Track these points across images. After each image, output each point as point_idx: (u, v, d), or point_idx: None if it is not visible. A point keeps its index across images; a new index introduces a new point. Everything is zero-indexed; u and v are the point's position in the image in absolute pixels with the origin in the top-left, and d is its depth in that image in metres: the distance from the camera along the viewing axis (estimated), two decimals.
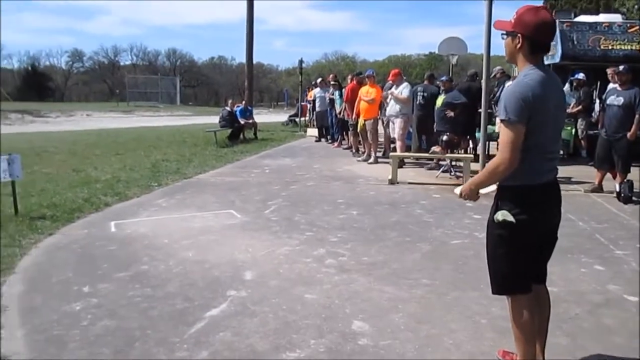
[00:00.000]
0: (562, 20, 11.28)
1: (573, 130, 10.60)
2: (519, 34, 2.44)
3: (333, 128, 14.44)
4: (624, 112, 7.02)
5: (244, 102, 17.88)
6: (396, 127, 10.26)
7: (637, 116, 6.93)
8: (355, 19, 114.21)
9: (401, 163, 9.67)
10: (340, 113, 12.91)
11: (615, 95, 7.21)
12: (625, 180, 7.14)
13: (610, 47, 10.77)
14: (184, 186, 8.15)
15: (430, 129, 9.88)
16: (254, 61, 23.42)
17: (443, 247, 5.06)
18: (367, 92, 10.62)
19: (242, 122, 15.30)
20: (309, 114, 18.35)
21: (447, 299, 3.76)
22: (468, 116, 9.76)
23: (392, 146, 10.69)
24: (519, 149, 2.35)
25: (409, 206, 6.81)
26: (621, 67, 7.26)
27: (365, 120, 10.61)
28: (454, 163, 9.38)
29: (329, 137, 14.98)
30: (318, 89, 15.40)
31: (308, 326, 3.32)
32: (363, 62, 63.63)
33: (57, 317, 3.44)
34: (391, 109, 10.39)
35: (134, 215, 6.26)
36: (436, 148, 9.21)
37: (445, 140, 9.10)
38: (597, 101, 10.22)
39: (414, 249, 4.96)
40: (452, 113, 9.24)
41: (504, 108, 2.38)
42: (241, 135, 15.13)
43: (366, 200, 7.19)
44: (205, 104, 56.21)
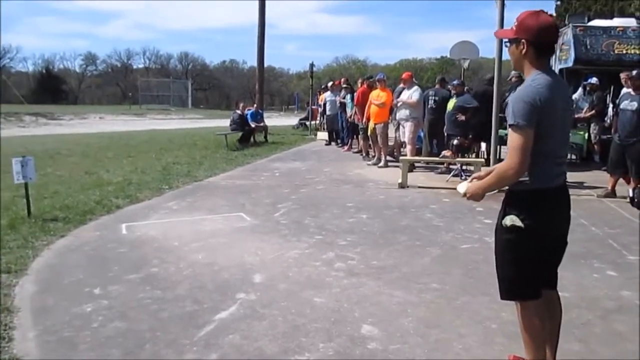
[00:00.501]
0: (576, 24, 11.20)
1: (586, 134, 10.51)
2: (523, 40, 2.44)
3: (343, 131, 14.44)
4: (638, 117, 6.94)
5: (255, 106, 17.96)
6: (406, 131, 10.24)
7: None
8: (366, 23, 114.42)
9: (411, 167, 9.65)
10: (351, 116, 12.92)
11: (629, 100, 7.14)
12: (638, 185, 7.06)
13: (624, 52, 10.66)
14: (195, 189, 8.19)
15: (441, 133, 9.85)
16: (265, 65, 23.50)
17: (453, 252, 5.03)
18: (378, 96, 10.61)
19: (253, 126, 15.35)
20: (320, 118, 18.37)
21: (457, 304, 3.74)
22: (482, 120, 9.73)
23: (402, 150, 10.68)
24: (528, 154, 2.33)
25: (419, 210, 6.79)
26: (634, 72, 7.19)
27: (375, 124, 10.59)
28: (465, 167, 9.34)
29: (339, 141, 14.98)
30: (329, 93, 15.42)
31: (317, 330, 3.32)
32: (374, 66, 63.62)
33: (69, 319, 3.47)
34: (401, 113, 10.38)
35: (145, 217, 6.30)
36: (446, 152, 9.18)
37: (455, 144, 9.08)
38: (611, 106, 10.14)
39: (424, 253, 4.94)
40: (464, 117, 9.20)
41: (512, 112, 2.37)
42: (252, 138, 15.17)
43: (376, 204, 7.18)
44: (216, 107, 56.51)
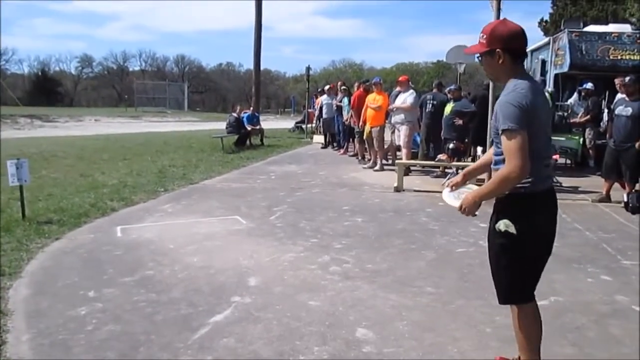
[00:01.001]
0: (571, 29, 11.27)
1: (581, 139, 10.55)
2: (498, 50, 2.47)
3: (339, 135, 14.47)
4: (633, 123, 6.99)
5: (252, 109, 17.96)
6: (401, 135, 10.27)
7: None
8: (363, 26, 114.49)
9: (407, 170, 9.66)
10: (347, 120, 12.94)
11: (623, 105, 7.19)
12: (633, 190, 7.10)
13: (619, 57, 10.74)
14: (190, 192, 8.18)
15: (439, 137, 9.87)
16: (262, 67, 23.54)
17: (448, 255, 5.04)
18: (374, 100, 10.64)
19: (249, 128, 15.35)
20: (316, 121, 18.40)
21: (452, 307, 3.74)
22: (480, 124, 9.74)
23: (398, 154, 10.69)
24: (527, 156, 2.33)
25: (414, 214, 6.80)
26: (627, 79, 7.25)
27: (371, 127, 10.62)
28: (460, 171, 9.34)
29: (335, 144, 15.00)
30: (325, 96, 15.44)
31: (312, 333, 3.32)
32: (370, 70, 63.67)
33: (63, 322, 3.46)
34: (396, 117, 10.42)
35: (140, 220, 6.28)
36: (442, 156, 9.20)
37: (451, 148, 9.10)
38: (606, 111, 10.18)
39: (419, 257, 4.95)
40: (461, 121, 9.23)
41: (503, 118, 2.38)
42: (248, 141, 15.18)
43: (371, 207, 7.19)
44: (212, 110, 56.42)
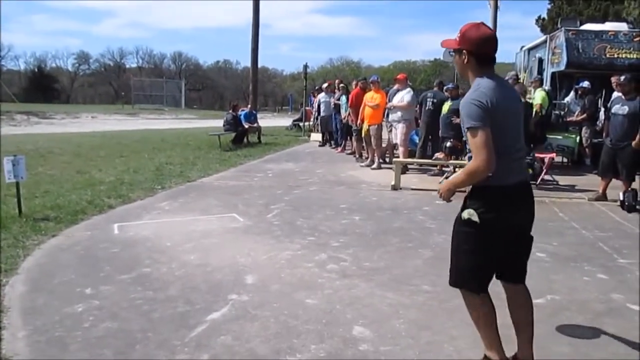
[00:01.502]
0: (568, 28, 11.29)
1: (577, 138, 10.57)
2: (465, 50, 2.59)
3: (337, 133, 14.46)
4: (629, 121, 7.00)
5: (249, 106, 17.93)
6: (398, 133, 10.27)
7: None
8: (360, 25, 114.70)
9: (404, 169, 9.66)
10: (345, 118, 12.93)
11: (620, 104, 7.20)
12: (629, 189, 7.12)
13: (616, 56, 10.77)
14: (188, 189, 8.17)
15: (437, 135, 9.88)
16: (259, 65, 23.45)
17: (445, 254, 4.96)
18: (372, 98, 10.63)
19: (246, 126, 15.33)
20: (313, 119, 18.39)
21: (449, 306, 3.74)
22: None
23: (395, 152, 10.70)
24: (492, 151, 2.44)
25: (412, 212, 6.80)
26: (622, 78, 7.27)
27: (369, 125, 10.62)
28: (457, 169, 9.37)
29: (333, 142, 15.00)
30: (323, 94, 15.43)
31: (309, 331, 3.32)
32: (368, 68, 63.73)
33: (59, 319, 3.45)
34: (393, 115, 10.42)
35: (137, 217, 6.27)
36: (439, 154, 9.21)
37: (448, 146, 9.11)
38: (602, 109, 10.21)
39: (416, 255, 4.95)
40: (458, 120, 9.22)
41: (466, 117, 2.51)
42: (245, 139, 15.15)
43: (369, 205, 7.19)
44: (210, 108, 56.37)
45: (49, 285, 4.07)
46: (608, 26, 11.98)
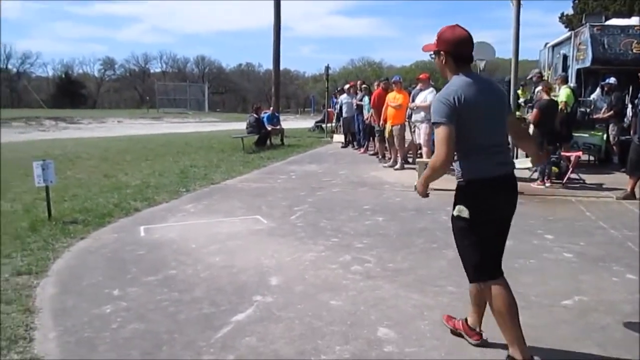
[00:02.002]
0: (593, 24, 11.09)
1: (604, 135, 10.37)
2: (442, 52, 2.76)
3: (360, 134, 14.44)
4: None
5: (271, 109, 18.03)
6: (422, 133, 10.20)
7: None
8: (381, 25, 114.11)
9: None
10: (367, 119, 12.91)
11: None
12: None
13: None
14: (212, 192, 8.25)
15: None
16: (281, 67, 23.58)
17: None
18: (394, 98, 10.59)
19: (269, 128, 15.42)
20: (335, 120, 18.39)
21: None
22: None
23: (419, 152, 10.63)
24: (452, 146, 2.59)
25: (435, 212, 6.75)
26: None
27: (392, 126, 10.58)
28: None
29: (355, 143, 14.98)
30: (345, 95, 15.42)
31: (333, 332, 3.32)
32: (390, 68, 63.44)
33: (88, 320, 3.52)
34: (416, 115, 10.35)
35: (163, 220, 6.36)
36: None
37: None
38: (629, 106, 10.00)
39: (440, 256, 4.91)
40: None
41: (433, 113, 2.66)
42: (268, 141, 15.25)
43: (392, 206, 7.17)
44: (233, 111, 56.85)
45: (78, 287, 4.15)
46: (634, 21, 11.72)
